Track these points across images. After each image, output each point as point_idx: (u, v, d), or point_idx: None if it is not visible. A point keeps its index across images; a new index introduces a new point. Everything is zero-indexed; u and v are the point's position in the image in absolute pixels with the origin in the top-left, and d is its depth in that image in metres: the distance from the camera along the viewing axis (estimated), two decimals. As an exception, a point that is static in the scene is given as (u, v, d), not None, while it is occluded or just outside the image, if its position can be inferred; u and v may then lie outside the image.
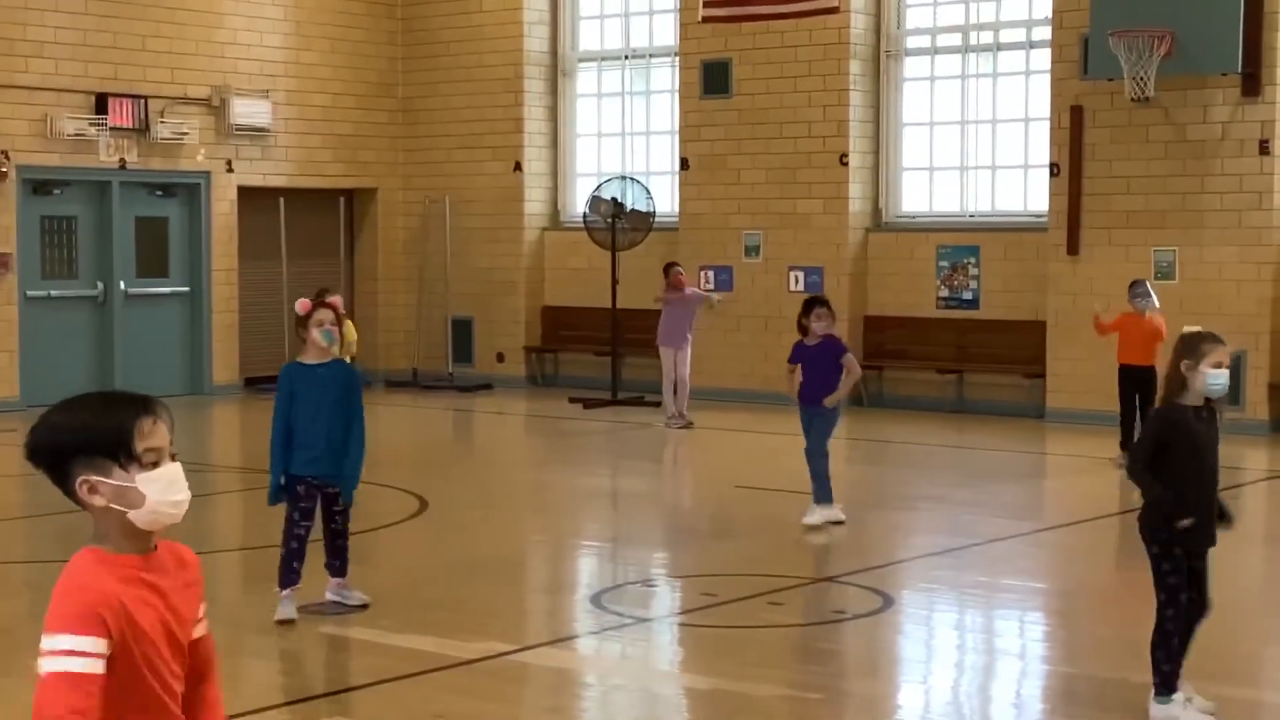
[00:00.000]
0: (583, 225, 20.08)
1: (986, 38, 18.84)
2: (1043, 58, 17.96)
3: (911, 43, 19.21)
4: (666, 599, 9.88)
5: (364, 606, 8.93)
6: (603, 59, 21.57)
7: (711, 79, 19.62)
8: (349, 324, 14.25)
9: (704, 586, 9.87)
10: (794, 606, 9.21)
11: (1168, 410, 6.93)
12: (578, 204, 21.07)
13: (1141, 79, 16.34)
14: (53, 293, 19.11)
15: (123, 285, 19.65)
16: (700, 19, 19.34)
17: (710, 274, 18.35)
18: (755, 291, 19.20)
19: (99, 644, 3.29)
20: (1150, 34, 16.20)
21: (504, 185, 21.51)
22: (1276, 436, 15.97)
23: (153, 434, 3.39)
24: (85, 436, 3.38)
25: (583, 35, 21.62)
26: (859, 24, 18.87)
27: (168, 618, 3.44)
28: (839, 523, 11.42)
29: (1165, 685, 7.01)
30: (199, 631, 3.57)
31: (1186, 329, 7.30)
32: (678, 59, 20.15)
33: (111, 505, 3.37)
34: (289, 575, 8.73)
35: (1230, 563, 7.42)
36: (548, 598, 10.24)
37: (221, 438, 18.35)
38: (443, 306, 21.35)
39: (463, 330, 21.78)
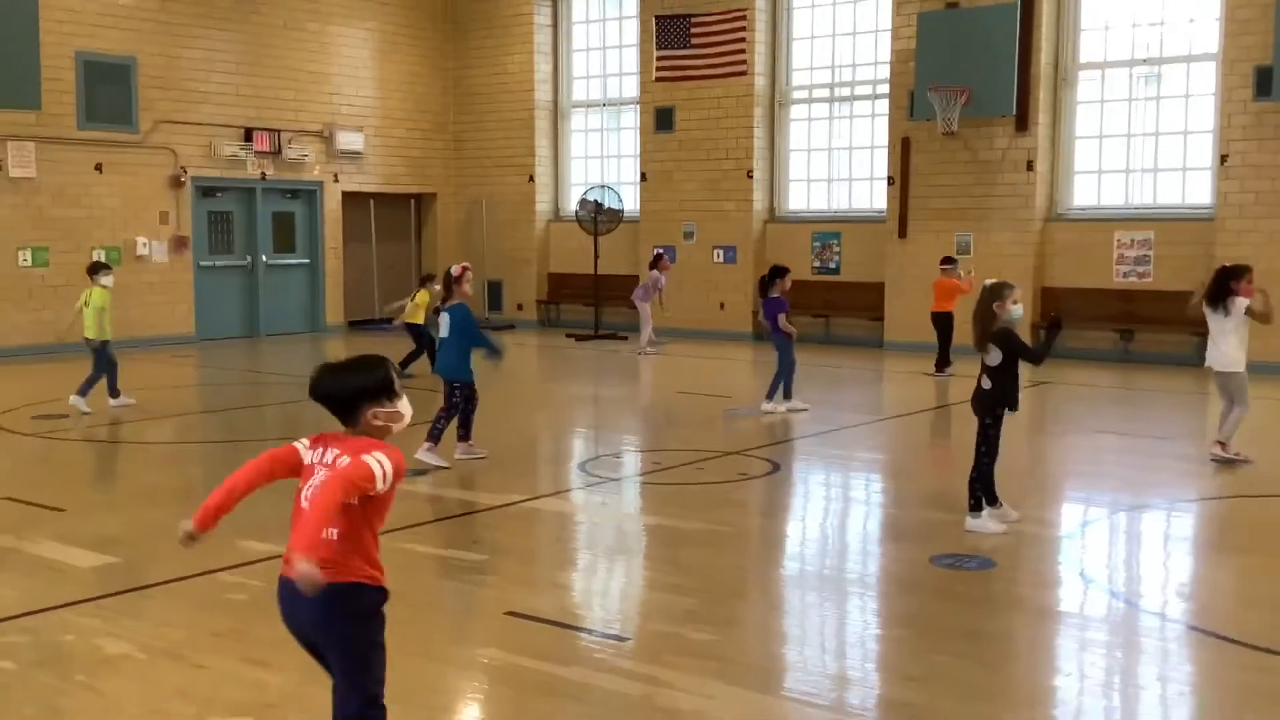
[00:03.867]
0: (574, 219, 20.02)
1: (845, 91, 18.77)
2: (883, 105, 17.92)
3: (795, 95, 19.10)
4: (630, 465, 9.94)
5: (449, 467, 9.12)
6: (588, 105, 21.40)
7: (661, 119, 19.52)
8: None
9: (655, 458, 9.94)
10: (714, 470, 9.28)
11: (1005, 333, 7.06)
12: (571, 204, 20.99)
13: (949, 119, 16.36)
14: (216, 263, 18.97)
15: (264, 258, 19.51)
16: (654, 78, 19.25)
17: (661, 249, 18.31)
18: (690, 263, 19.19)
19: (390, 480, 3.61)
20: (954, 90, 16.20)
21: (521, 191, 21.38)
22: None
23: (397, 378, 3.79)
24: (376, 384, 3.72)
25: (574, 89, 21.44)
26: (760, 83, 18.77)
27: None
28: (801, 409, 11.54)
29: (978, 506, 7.21)
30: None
31: (988, 280, 7.39)
32: (639, 105, 20.01)
33: (386, 424, 3.73)
34: (462, 431, 9.34)
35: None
36: (551, 465, 10.30)
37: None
38: (481, 273, 21.27)
39: (495, 289, 21.72)
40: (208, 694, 4.74)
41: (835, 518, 8.34)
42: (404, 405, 3.78)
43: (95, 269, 12.21)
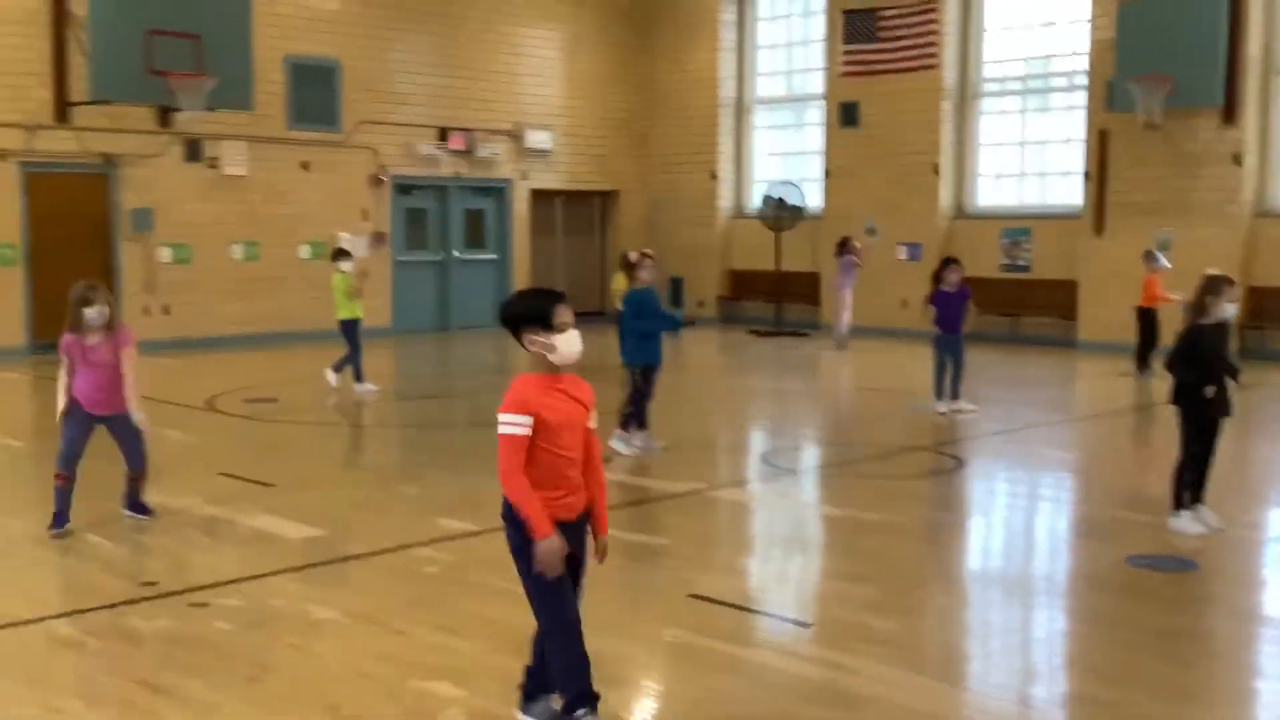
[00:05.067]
0: (757, 215, 20.02)
1: (1038, 83, 18.24)
2: (1080, 96, 17.34)
3: (986, 88, 18.64)
4: (810, 458, 9.92)
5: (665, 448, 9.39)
6: (772, 102, 21.37)
7: (846, 115, 19.34)
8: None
9: (835, 451, 9.90)
10: (896, 465, 9.18)
11: (1196, 330, 6.81)
12: (753, 201, 21.00)
13: (1151, 110, 15.71)
14: (412, 258, 19.68)
15: (455, 253, 20.15)
16: (840, 74, 19.09)
17: (855, 244, 18.04)
18: (873, 259, 18.95)
19: (523, 418, 3.97)
20: (1157, 80, 15.55)
21: (703, 188, 21.49)
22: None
23: (563, 313, 4.05)
24: (529, 312, 4.06)
25: (759, 86, 21.43)
26: (949, 76, 18.41)
27: (567, 412, 4.06)
28: (968, 410, 11.20)
29: (1178, 504, 6.98)
30: (591, 424, 4.17)
31: (1209, 270, 7.14)
32: (824, 101, 19.87)
33: (541, 352, 4.01)
34: (639, 421, 9.36)
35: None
36: (731, 455, 10.34)
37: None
38: (663, 269, 21.46)
39: (677, 285, 21.89)
40: (407, 658, 4.98)
41: (1022, 514, 8.14)
42: (561, 339, 4.00)
43: (335, 255, 12.97)
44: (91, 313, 6.88)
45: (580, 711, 4.10)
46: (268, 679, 4.79)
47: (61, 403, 7.02)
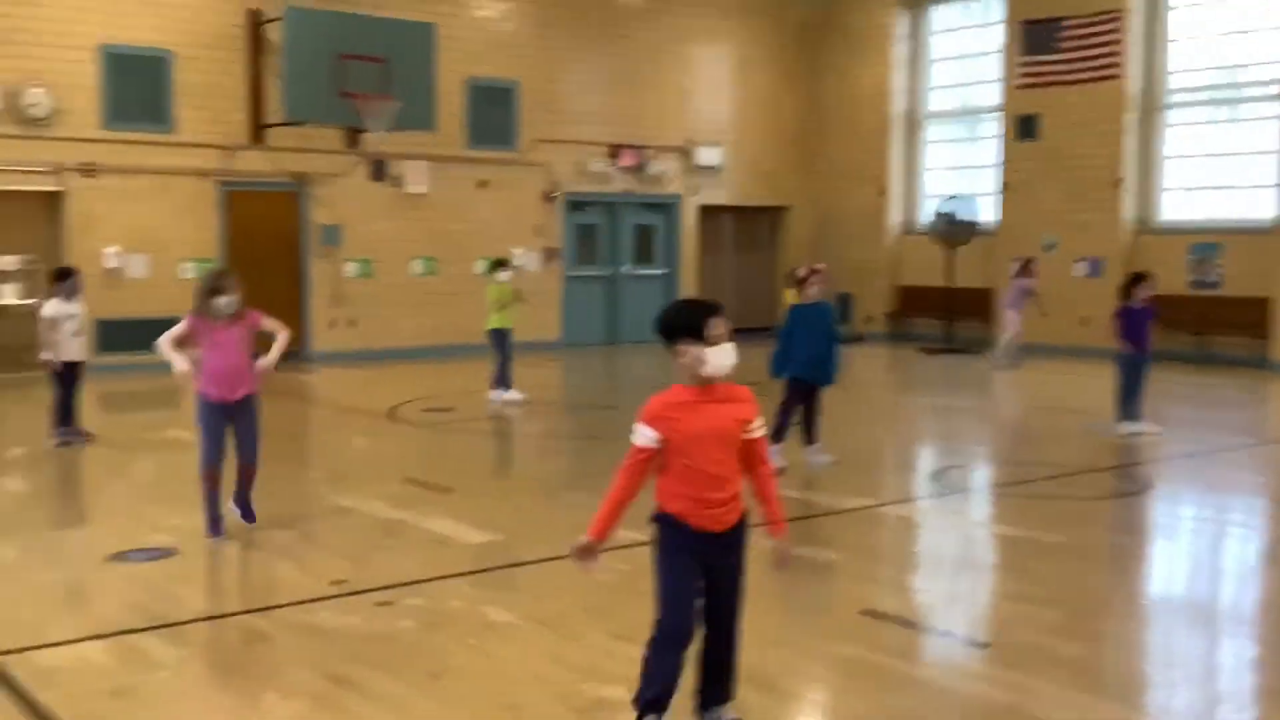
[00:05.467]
0: (928, 231, 19.68)
1: (1230, 94, 17.44)
2: (1276, 106, 16.50)
3: (1173, 98, 17.92)
4: (984, 477, 9.68)
5: (830, 464, 9.25)
6: (945, 115, 20.99)
7: (1024, 127, 18.85)
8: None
9: (1010, 471, 9.64)
10: (1075, 486, 8.88)
11: None
12: (924, 216, 20.66)
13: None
14: (582, 273, 19.99)
15: (625, 268, 20.38)
16: (1017, 85, 18.64)
17: (1015, 264, 17.64)
18: (1051, 276, 18.39)
19: (649, 431, 4.01)
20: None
21: (873, 204, 21.24)
22: None
23: (716, 325, 4.02)
24: (683, 323, 4.05)
25: (931, 99, 21.09)
26: (1132, 86, 17.77)
27: (712, 424, 4.03)
28: (1152, 432, 10.75)
29: None
30: (752, 434, 4.13)
31: None
32: (1000, 114, 19.42)
33: (691, 363, 4.01)
34: (778, 435, 9.09)
35: None
36: (901, 473, 10.16)
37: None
38: (831, 285, 21.26)
39: (844, 302, 21.66)
40: (583, 663, 5.05)
41: (1209, 539, 7.78)
42: (713, 351, 3.98)
43: (493, 266, 13.32)
44: (222, 302, 6.94)
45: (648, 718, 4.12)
46: (448, 677, 4.93)
47: (181, 363, 6.86)
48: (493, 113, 18.46)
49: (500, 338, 12.95)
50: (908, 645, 5.39)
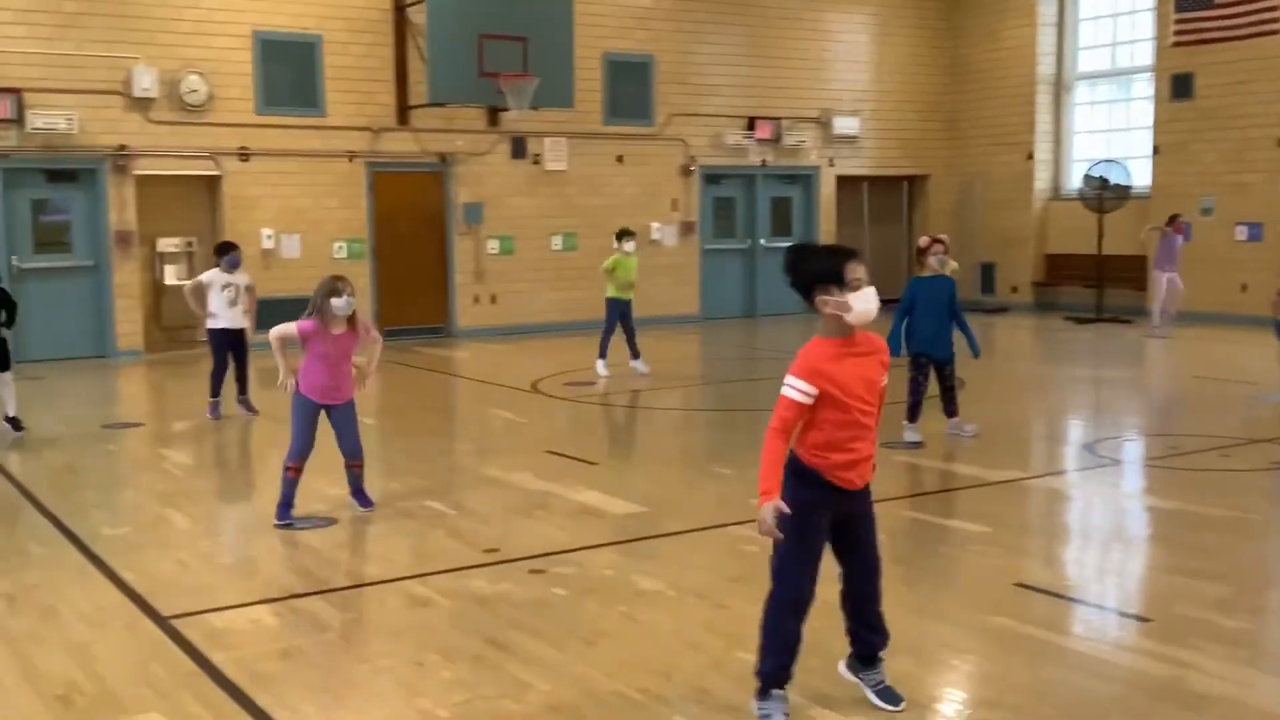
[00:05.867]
0: (1077, 197, 19.10)
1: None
2: None
3: (1341, 52, 17.01)
4: (1141, 449, 9.39)
5: (975, 435, 9.08)
6: (1094, 76, 20.30)
7: (1178, 87, 18.11)
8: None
9: (1168, 442, 9.32)
10: (1240, 457, 8.55)
11: None
12: (1072, 181, 20.06)
13: None
14: (719, 246, 19.95)
15: (762, 241, 20.28)
16: (1171, 43, 17.91)
17: (1184, 225, 17.00)
18: (1208, 241, 17.68)
19: (808, 386, 3.91)
20: None
21: (1018, 170, 20.69)
22: None
23: (856, 269, 3.92)
24: (821, 271, 3.96)
25: (1080, 60, 20.41)
26: (1297, 40, 16.92)
27: (860, 373, 3.97)
28: None
29: None
30: (883, 383, 4.07)
31: None
32: (1153, 73, 18.69)
33: (835, 312, 3.88)
34: (913, 413, 9.02)
35: None
36: (1054, 444, 9.91)
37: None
38: (972, 254, 20.83)
39: (988, 271, 21.19)
40: (732, 631, 5.08)
41: (1388, 516, 7.42)
42: (856, 297, 3.86)
43: (620, 235, 13.24)
44: (340, 303, 6.86)
45: (769, 695, 4.08)
46: (602, 643, 5.01)
47: (288, 375, 7.02)
48: (629, 88, 18.52)
49: (613, 307, 12.89)
50: (1063, 618, 5.28)
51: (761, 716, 4.12)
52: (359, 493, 7.29)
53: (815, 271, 3.95)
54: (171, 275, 15.86)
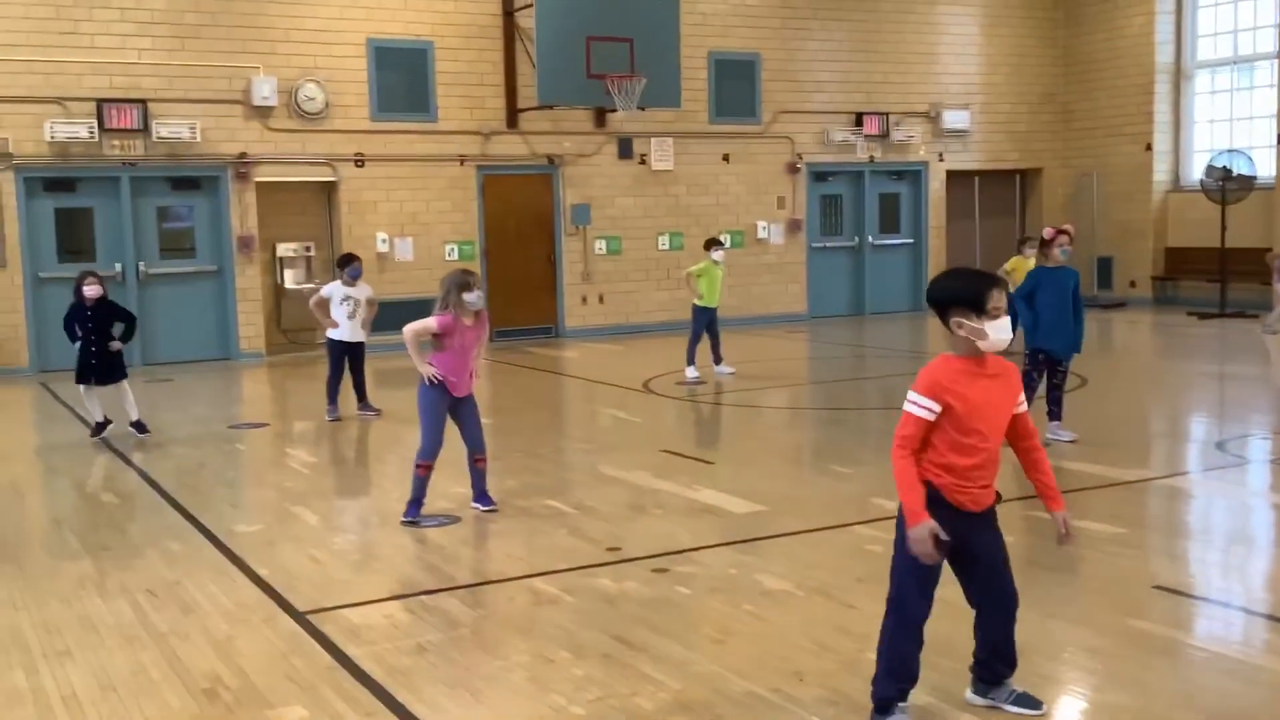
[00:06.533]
0: (1199, 188, 18.53)
1: None
2: None
3: None
4: (1270, 446, 9.04)
5: (1073, 441, 8.80)
6: (1216, 64, 19.67)
7: (1306, 73, 17.47)
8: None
9: (1306, 441, 8.99)
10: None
11: None
12: (1193, 173, 19.46)
13: None
14: (826, 244, 19.78)
15: (870, 238, 20.05)
16: (1298, 28, 17.31)
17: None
18: (1339, 232, 17.06)
19: (930, 403, 3.84)
20: None
21: (1136, 162, 20.14)
22: None
23: (997, 298, 3.86)
24: (962, 294, 3.89)
25: (1200, 48, 19.79)
26: None
27: (989, 396, 3.89)
28: None
29: None
30: (1019, 409, 3.98)
31: None
32: (1276, 60, 18.04)
33: (969, 337, 3.84)
34: (1054, 412, 8.88)
35: None
36: (1186, 443, 9.63)
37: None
38: (1090, 248, 20.33)
39: (1105, 265, 20.67)
40: (862, 632, 5.01)
41: None
42: (993, 325, 3.80)
43: (709, 245, 13.19)
44: (473, 296, 6.95)
45: (892, 711, 4.01)
46: (731, 641, 4.99)
47: (426, 366, 7.02)
48: (735, 86, 18.47)
49: (699, 314, 12.82)
50: (1205, 622, 5.13)
51: None
52: (482, 495, 7.34)
53: (957, 293, 3.88)
54: (291, 279, 16.26)
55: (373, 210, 16.36)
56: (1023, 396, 4.01)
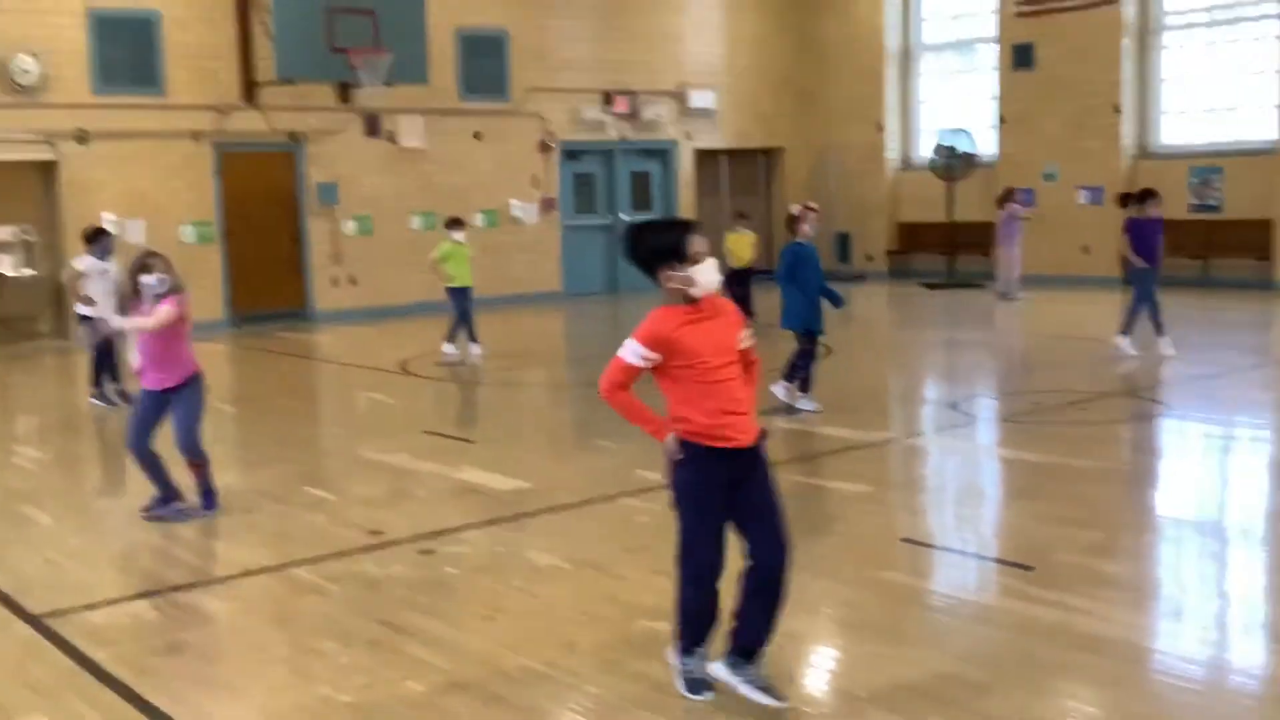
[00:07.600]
0: (927, 166, 19.62)
1: (1225, 15, 17.32)
2: (1274, 25, 16.40)
3: (1169, 21, 17.80)
4: (1005, 406, 9.68)
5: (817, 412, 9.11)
6: (939, 48, 20.86)
7: (1020, 57, 18.75)
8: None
9: (1030, 399, 9.66)
10: (1097, 410, 8.93)
11: None
12: (921, 152, 20.60)
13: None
14: (580, 222, 19.84)
15: (623, 216, 20.14)
16: (1015, 13, 18.54)
17: (1021, 194, 17.67)
18: (1052, 205, 18.39)
19: (649, 352, 3.92)
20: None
21: (869, 141, 21.14)
22: None
23: (696, 243, 3.92)
24: (661, 247, 3.95)
25: (925, 32, 20.94)
26: (1128, 12, 17.66)
27: (711, 336, 3.94)
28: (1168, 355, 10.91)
29: None
30: (745, 344, 4.03)
31: None
32: (996, 44, 19.30)
33: (679, 287, 3.92)
34: (805, 385, 9.09)
35: None
36: (921, 405, 10.17)
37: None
38: (829, 224, 21.21)
39: (843, 240, 21.63)
40: (631, 600, 5.09)
41: (1235, 457, 7.85)
42: (699, 270, 3.86)
43: (449, 224, 12.97)
44: (150, 279, 6.45)
45: (689, 657, 4.04)
46: (502, 618, 4.97)
47: (135, 360, 6.68)
48: (484, 63, 18.29)
49: (455, 295, 12.68)
50: (951, 571, 5.45)
51: (685, 672, 4.08)
52: (207, 494, 6.81)
53: (656, 248, 3.91)
54: (7, 265, 15.09)
55: (99, 190, 15.34)
56: (746, 332, 4.04)
